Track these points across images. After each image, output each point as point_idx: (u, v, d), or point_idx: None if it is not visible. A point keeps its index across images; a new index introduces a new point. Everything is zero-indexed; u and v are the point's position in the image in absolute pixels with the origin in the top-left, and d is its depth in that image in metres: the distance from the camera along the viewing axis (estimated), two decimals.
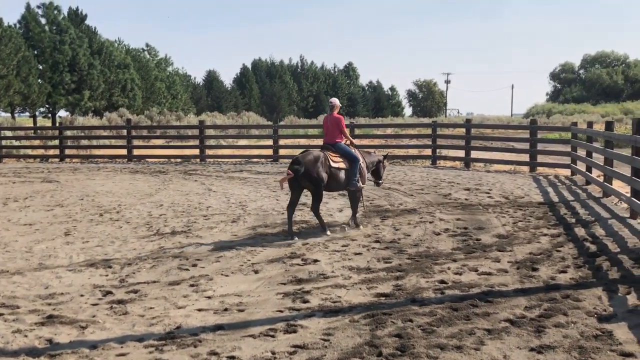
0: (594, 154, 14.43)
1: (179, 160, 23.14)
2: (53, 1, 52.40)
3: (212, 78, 76.87)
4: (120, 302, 5.98)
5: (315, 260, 7.50)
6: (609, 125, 13.23)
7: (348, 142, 9.89)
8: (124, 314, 5.63)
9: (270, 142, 23.42)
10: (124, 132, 24.58)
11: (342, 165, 9.49)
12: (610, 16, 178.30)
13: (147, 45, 72.97)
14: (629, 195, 10.33)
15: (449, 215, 10.68)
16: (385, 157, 10.81)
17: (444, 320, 5.28)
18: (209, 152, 23.96)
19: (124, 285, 6.60)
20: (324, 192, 9.40)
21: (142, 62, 63.61)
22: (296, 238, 8.83)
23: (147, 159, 23.63)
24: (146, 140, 27.79)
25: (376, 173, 10.63)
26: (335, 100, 10.10)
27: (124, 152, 23.77)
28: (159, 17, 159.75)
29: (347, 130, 9.98)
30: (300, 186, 9.20)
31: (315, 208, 9.25)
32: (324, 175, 9.17)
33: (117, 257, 7.87)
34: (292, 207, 9.21)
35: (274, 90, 79.57)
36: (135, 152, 24.02)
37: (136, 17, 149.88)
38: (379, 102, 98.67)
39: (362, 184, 9.81)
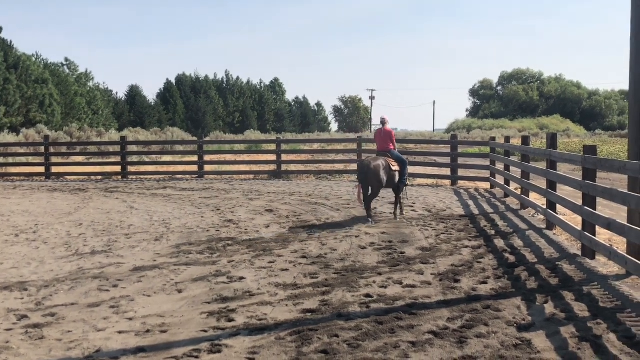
0: (511, 168, 14.95)
1: (99, 177, 22.50)
2: None
3: (134, 93, 75.15)
4: (36, 326, 5.72)
5: (241, 278, 7.41)
6: (525, 140, 13.74)
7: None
8: (40, 339, 5.38)
9: (195, 158, 23.10)
10: (42, 149, 23.71)
11: (397, 168, 12.10)
12: (526, 35, 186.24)
13: (66, 59, 70.52)
14: (545, 207, 10.73)
15: (374, 229, 10.80)
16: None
17: (369, 334, 5.31)
18: (131, 168, 23.41)
19: (41, 308, 6.32)
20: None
21: (62, 77, 61.57)
22: (372, 222, 11.30)
23: (67, 177, 22.87)
24: (65, 157, 26.93)
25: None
26: (386, 117, 12.75)
27: (41, 169, 22.89)
28: (79, 31, 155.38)
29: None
30: (367, 183, 11.51)
31: (370, 200, 11.70)
32: (385, 178, 11.75)
33: (33, 279, 7.53)
34: (366, 198, 11.62)
35: (199, 105, 78.67)
36: (54, 169, 23.22)
37: (55, 30, 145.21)
38: (306, 117, 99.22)
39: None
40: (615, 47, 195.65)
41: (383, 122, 12.69)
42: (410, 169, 21.52)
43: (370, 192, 11.68)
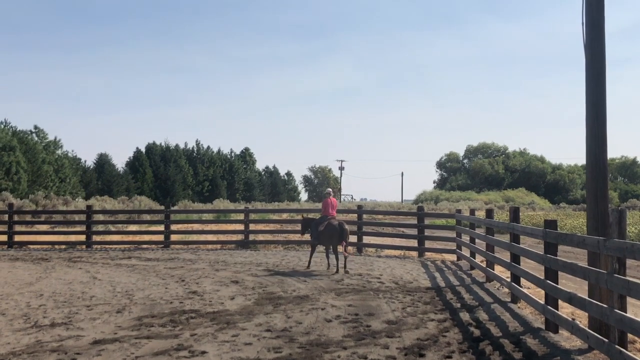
0: (477, 240, 15.11)
1: (63, 246, 22.12)
2: None
3: (103, 161, 74.82)
4: None
5: (203, 352, 7.28)
6: (489, 213, 13.96)
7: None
8: None
9: (161, 227, 22.90)
10: (5, 217, 23.32)
11: None
12: (491, 109, 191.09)
13: (35, 127, 70.28)
14: (509, 280, 10.83)
15: (341, 301, 10.74)
16: None
17: None
18: (96, 237, 23.10)
19: None
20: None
21: (30, 144, 61.25)
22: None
23: (30, 246, 22.44)
24: (29, 226, 26.48)
25: None
26: (331, 190, 16.93)
27: (4, 238, 22.44)
28: (49, 99, 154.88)
29: None
30: (343, 240, 14.92)
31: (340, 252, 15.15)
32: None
33: None
34: (327, 253, 15.52)
35: (168, 174, 78.53)
36: (17, 237, 22.79)
37: (25, 98, 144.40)
38: (276, 186, 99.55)
39: None
40: (577, 122, 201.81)
41: (329, 192, 16.49)
42: (379, 240, 21.66)
43: (337, 247, 14.95)
